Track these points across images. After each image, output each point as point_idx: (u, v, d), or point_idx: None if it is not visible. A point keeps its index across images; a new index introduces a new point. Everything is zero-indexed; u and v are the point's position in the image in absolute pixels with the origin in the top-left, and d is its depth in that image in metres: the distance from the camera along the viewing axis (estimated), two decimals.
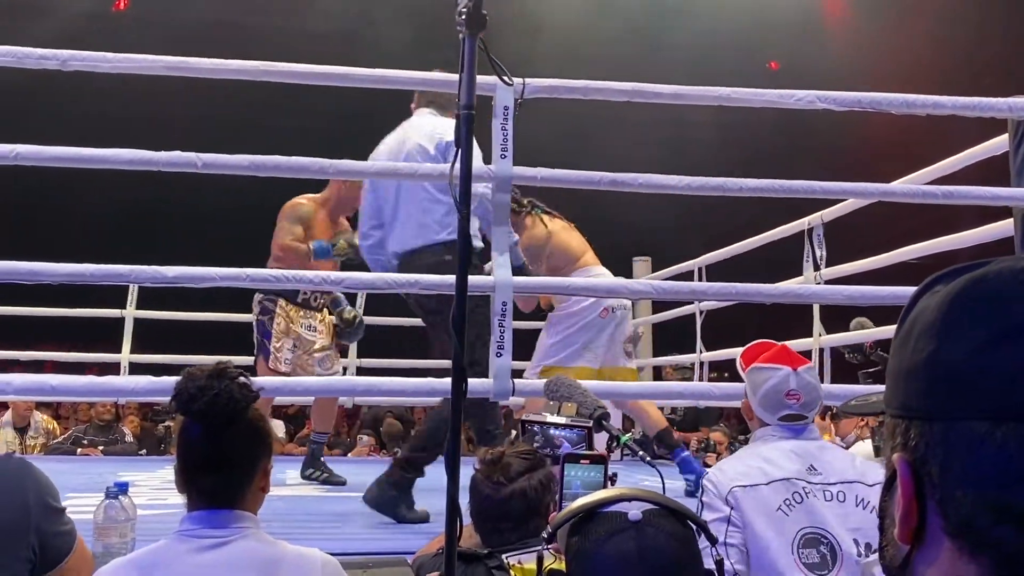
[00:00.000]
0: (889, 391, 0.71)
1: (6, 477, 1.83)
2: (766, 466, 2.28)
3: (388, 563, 2.43)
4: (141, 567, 1.69)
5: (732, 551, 2.18)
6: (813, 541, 2.18)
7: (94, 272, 3.25)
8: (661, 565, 1.37)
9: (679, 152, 8.80)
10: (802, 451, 2.31)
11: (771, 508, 2.21)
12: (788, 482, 2.24)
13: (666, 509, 1.45)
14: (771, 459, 2.30)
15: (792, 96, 3.66)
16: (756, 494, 2.22)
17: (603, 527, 1.41)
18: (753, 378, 2.42)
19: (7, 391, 3.29)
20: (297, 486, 4.60)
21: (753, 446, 2.42)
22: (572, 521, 1.44)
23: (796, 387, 2.36)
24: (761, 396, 2.38)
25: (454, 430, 1.63)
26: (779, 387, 2.36)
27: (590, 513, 1.43)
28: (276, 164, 3.35)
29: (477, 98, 1.77)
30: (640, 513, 1.41)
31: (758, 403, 2.39)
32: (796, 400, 2.36)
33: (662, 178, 3.51)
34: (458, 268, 1.61)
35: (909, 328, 0.69)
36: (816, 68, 8.65)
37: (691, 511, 1.48)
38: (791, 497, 2.22)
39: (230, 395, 1.71)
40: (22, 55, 3.27)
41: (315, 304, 4.93)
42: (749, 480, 2.25)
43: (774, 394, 2.36)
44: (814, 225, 5.05)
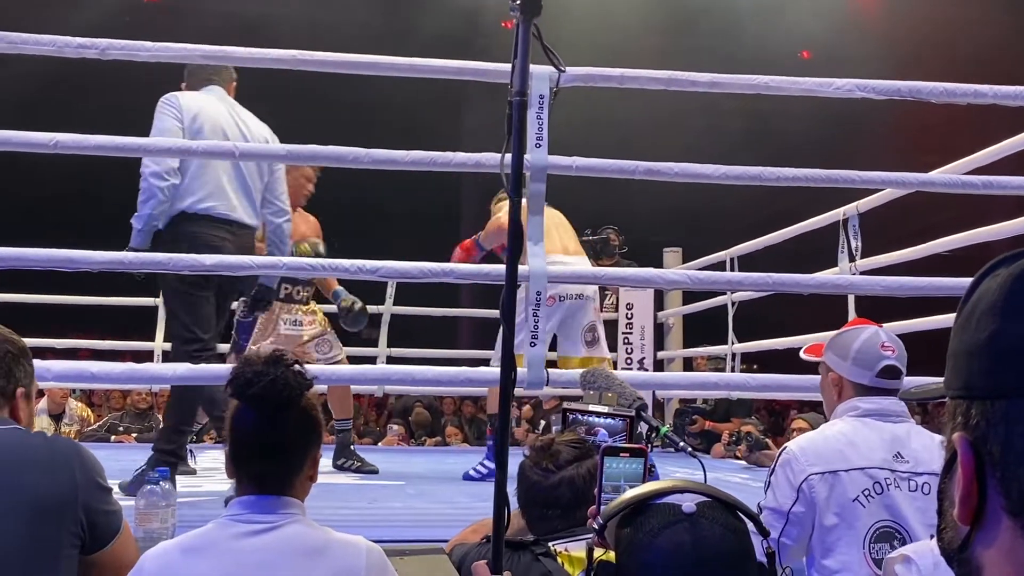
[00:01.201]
0: (950, 372, 0.71)
1: (55, 454, 1.85)
2: (849, 450, 2.20)
3: (424, 551, 2.43)
4: (188, 550, 1.70)
5: (784, 551, 2.16)
6: (887, 535, 2.13)
7: (132, 260, 3.28)
8: (716, 557, 1.36)
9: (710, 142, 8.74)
10: (891, 436, 2.23)
11: (847, 498, 2.15)
12: (870, 471, 2.17)
13: (719, 501, 1.44)
14: (856, 442, 2.22)
15: (830, 84, 3.63)
16: (835, 482, 2.17)
17: (656, 519, 1.39)
18: (839, 343, 2.35)
19: (47, 377, 3.31)
20: (329, 474, 4.62)
21: (838, 423, 2.31)
22: (623, 513, 1.43)
23: (887, 340, 2.30)
24: (855, 353, 2.29)
25: (503, 418, 1.62)
26: (873, 340, 2.29)
27: (642, 505, 1.42)
28: (313, 153, 3.37)
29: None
30: (694, 505, 1.40)
31: (852, 363, 2.30)
32: (891, 352, 2.28)
33: (698, 167, 3.49)
34: (508, 257, 1.61)
35: (971, 310, 0.69)
36: (849, 57, 8.56)
37: (743, 504, 1.46)
38: (871, 488, 2.16)
39: (285, 381, 1.72)
40: (62, 43, 3.30)
41: (298, 297, 4.88)
42: (828, 465, 2.18)
43: (870, 346, 2.28)
44: (849, 215, 5.00)
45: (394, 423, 7.92)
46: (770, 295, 5.80)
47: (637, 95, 4.60)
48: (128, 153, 3.33)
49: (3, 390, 1.92)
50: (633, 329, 7.02)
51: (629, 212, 8.08)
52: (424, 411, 8.29)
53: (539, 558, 2.02)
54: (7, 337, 1.97)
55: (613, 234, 6.96)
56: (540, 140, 3.31)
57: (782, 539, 2.18)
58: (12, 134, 3.20)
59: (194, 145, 3.25)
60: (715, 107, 8.92)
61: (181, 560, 1.68)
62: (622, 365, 6.78)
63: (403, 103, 9.07)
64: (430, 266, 3.49)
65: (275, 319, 4.79)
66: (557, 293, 4.60)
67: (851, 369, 2.31)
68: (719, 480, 4.37)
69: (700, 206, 8.53)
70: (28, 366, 2.00)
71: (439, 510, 3.78)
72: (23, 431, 1.90)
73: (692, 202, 8.43)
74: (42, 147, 3.26)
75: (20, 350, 1.98)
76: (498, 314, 4.74)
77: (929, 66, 7.20)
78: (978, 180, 3.74)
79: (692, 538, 1.35)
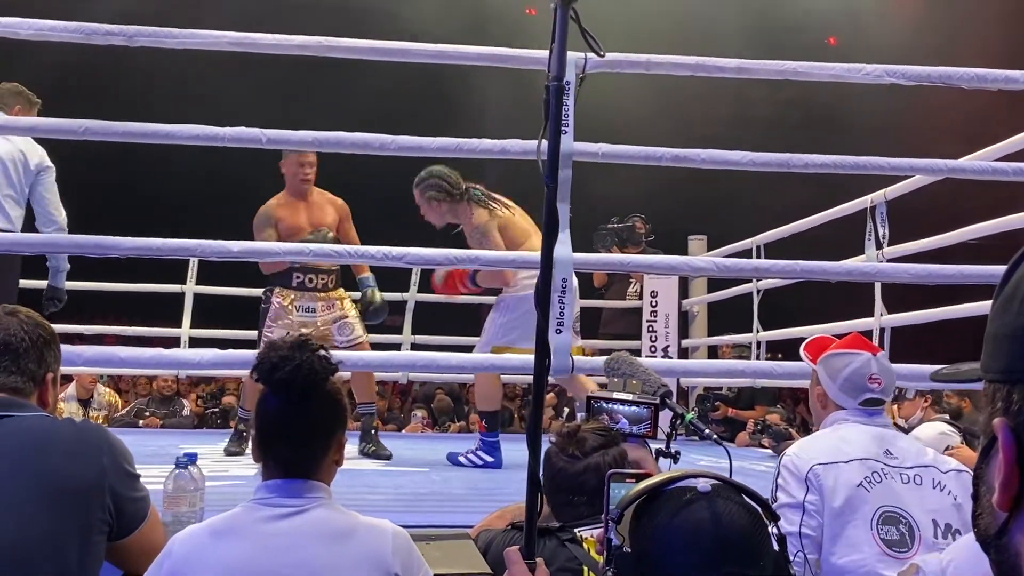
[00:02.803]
0: (988, 356, 0.70)
1: (83, 440, 1.86)
2: (844, 446, 2.28)
3: (450, 536, 2.44)
4: (216, 533, 1.71)
5: (806, 541, 2.17)
6: (892, 519, 2.18)
7: (161, 246, 3.30)
8: (736, 534, 1.37)
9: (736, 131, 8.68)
10: (878, 435, 2.32)
11: (852, 484, 2.20)
12: (867, 462, 2.24)
13: (731, 484, 1.45)
14: (849, 440, 2.30)
15: (859, 70, 3.60)
16: (836, 470, 2.22)
17: (672, 502, 1.41)
18: (831, 364, 2.42)
19: (77, 362, 3.35)
20: (353, 459, 4.64)
21: (829, 430, 2.40)
22: (638, 503, 1.43)
23: (877, 372, 2.37)
24: (843, 381, 2.38)
25: (536, 405, 1.62)
26: (862, 371, 2.36)
27: (656, 492, 1.43)
28: (339, 140, 3.37)
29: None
30: (709, 485, 1.41)
31: (838, 388, 2.39)
32: (878, 384, 2.36)
33: (725, 153, 3.47)
34: (543, 243, 1.61)
35: (1011, 293, 0.68)
36: (876, 44, 8.47)
37: (754, 489, 1.47)
38: (871, 476, 2.22)
39: (311, 366, 1.73)
40: (89, 31, 3.32)
41: (310, 286, 4.88)
42: (829, 458, 2.24)
43: (857, 378, 2.36)
44: (877, 203, 4.96)
45: (418, 409, 7.94)
46: (795, 283, 5.78)
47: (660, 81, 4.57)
48: (156, 140, 3.34)
49: (34, 375, 1.94)
50: (657, 317, 7.00)
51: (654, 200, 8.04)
52: (446, 397, 8.32)
53: (565, 544, 2.03)
54: (39, 322, 1.99)
55: (639, 222, 6.95)
56: (566, 127, 3.30)
57: (803, 530, 2.20)
58: (41, 120, 3.24)
59: (221, 132, 3.26)
60: (742, 96, 8.86)
61: (210, 543, 1.69)
62: (646, 353, 6.77)
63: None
64: (456, 252, 3.49)
65: (289, 307, 4.82)
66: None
67: (837, 393, 2.40)
68: (744, 468, 4.36)
69: (724, 195, 8.49)
70: (57, 351, 2.02)
71: (464, 496, 3.78)
72: (51, 418, 1.92)
73: (716, 190, 8.40)
74: (71, 133, 3.29)
75: (51, 335, 2.00)
76: (485, 300, 4.70)
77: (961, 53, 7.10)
78: (1008, 167, 3.70)
79: (711, 514, 1.37)
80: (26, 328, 1.95)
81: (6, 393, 1.88)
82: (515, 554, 1.55)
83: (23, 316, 1.97)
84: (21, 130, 3.21)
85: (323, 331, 4.80)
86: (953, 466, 2.30)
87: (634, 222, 6.91)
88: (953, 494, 2.22)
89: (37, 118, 3.22)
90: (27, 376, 1.92)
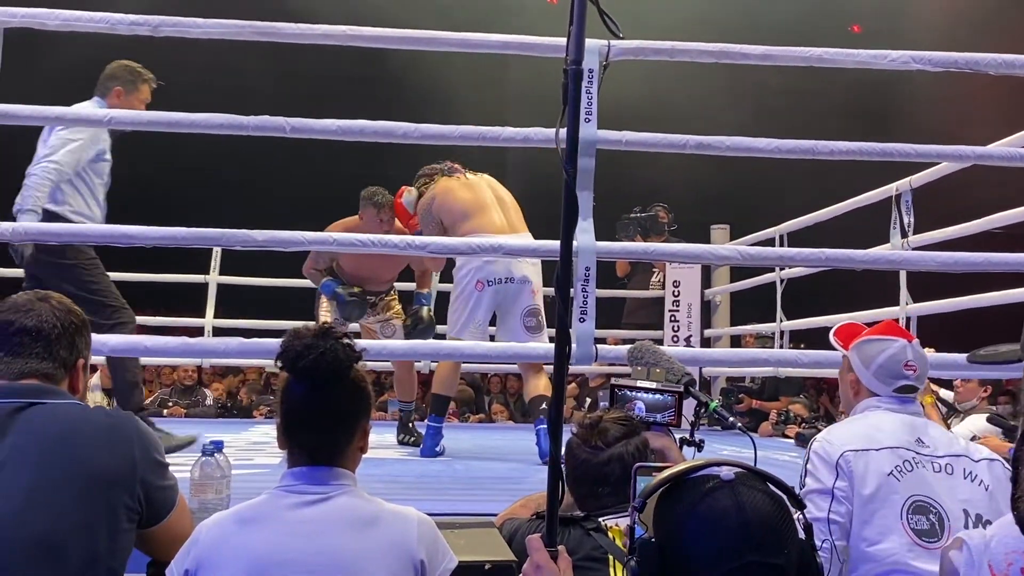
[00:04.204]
0: None
1: (116, 429, 1.86)
2: (876, 433, 2.25)
3: (475, 524, 2.44)
4: (242, 520, 1.72)
5: (834, 528, 2.16)
6: (922, 508, 2.15)
7: (186, 235, 3.31)
8: (759, 521, 1.36)
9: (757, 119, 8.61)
10: (910, 423, 2.29)
11: (883, 472, 2.18)
12: (898, 451, 2.21)
13: (755, 472, 1.44)
14: (880, 427, 2.27)
15: (885, 57, 3.56)
16: (867, 458, 2.20)
17: (695, 490, 1.40)
18: (865, 350, 2.39)
19: (103, 351, 3.37)
20: (379, 449, 4.66)
21: (860, 416, 2.38)
22: (661, 492, 1.43)
23: (912, 359, 2.34)
24: (877, 368, 2.35)
25: (557, 393, 1.61)
26: (897, 357, 2.34)
27: (679, 481, 1.43)
28: (362, 128, 3.37)
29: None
30: (733, 473, 1.41)
31: (872, 375, 2.36)
32: (913, 372, 2.34)
33: (750, 141, 3.44)
34: (562, 232, 1.59)
35: None
36: (900, 31, 8.38)
37: (778, 477, 1.46)
38: (901, 464, 2.20)
39: (335, 354, 1.74)
40: (115, 21, 3.34)
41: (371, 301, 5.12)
42: (860, 445, 2.22)
43: (892, 364, 2.34)
44: (902, 191, 4.92)
45: None
46: (818, 273, 5.74)
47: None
48: (180, 129, 3.36)
49: (65, 361, 1.94)
50: (680, 306, 6.98)
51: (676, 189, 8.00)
52: (468, 388, 8.31)
53: (590, 533, 2.03)
54: (71, 308, 1.99)
55: (662, 211, 6.92)
56: (589, 115, 3.29)
57: (831, 516, 2.18)
58: (67, 110, 3.26)
59: (246, 121, 3.27)
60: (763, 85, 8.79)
61: (236, 531, 1.69)
62: (668, 342, 6.74)
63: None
64: (478, 241, 3.48)
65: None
66: (484, 277, 4.43)
67: (870, 380, 2.37)
68: (768, 458, 4.34)
69: (746, 184, 8.43)
70: (88, 338, 2.03)
71: (487, 484, 3.79)
72: (83, 406, 1.92)
73: (738, 180, 8.34)
74: (96, 123, 3.30)
75: (82, 322, 2.01)
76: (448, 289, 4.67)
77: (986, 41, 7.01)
78: None
79: (735, 502, 1.36)
80: (58, 314, 1.95)
81: (38, 379, 1.88)
82: (537, 541, 1.55)
83: (55, 302, 1.97)
84: (40, 120, 3.24)
85: (370, 330, 5.05)
86: (985, 455, 2.26)
87: (657, 211, 6.88)
88: (985, 483, 2.19)
89: (62, 107, 3.24)
90: (59, 362, 1.93)
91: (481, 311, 4.47)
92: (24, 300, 1.95)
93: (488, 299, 4.47)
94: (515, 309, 4.51)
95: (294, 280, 6.59)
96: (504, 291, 4.48)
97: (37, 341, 1.91)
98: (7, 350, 1.89)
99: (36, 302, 1.95)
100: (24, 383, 1.87)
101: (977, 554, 1.51)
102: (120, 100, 4.07)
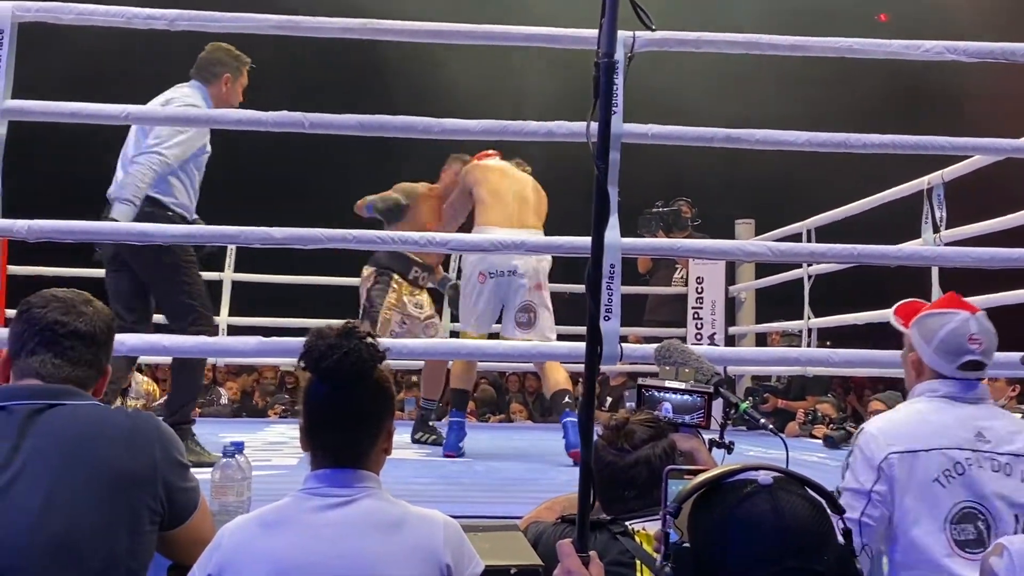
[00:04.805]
0: None
1: (137, 431, 1.84)
2: (927, 430, 2.15)
3: (499, 527, 2.40)
4: (265, 524, 1.70)
5: (867, 530, 2.09)
6: (970, 516, 2.07)
7: (203, 233, 3.28)
8: (796, 526, 1.34)
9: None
10: (970, 415, 2.17)
11: (927, 478, 2.10)
12: (950, 452, 2.11)
13: (793, 477, 1.42)
14: (934, 423, 2.16)
15: (919, 47, 3.48)
16: (914, 462, 2.11)
17: (733, 494, 1.38)
18: (926, 325, 2.26)
19: (120, 350, 3.31)
20: (401, 449, 4.62)
21: (917, 402, 2.26)
22: (697, 496, 1.41)
23: (977, 332, 2.21)
24: (939, 342, 2.22)
25: (588, 392, 1.56)
26: (960, 331, 2.21)
27: (716, 485, 1.40)
28: (382, 124, 3.32)
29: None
30: (771, 478, 1.38)
31: (934, 351, 2.23)
32: (978, 345, 2.20)
33: (780, 134, 3.37)
34: (593, 229, 1.55)
35: None
36: (928, 20, 8.25)
37: (816, 482, 1.43)
38: (952, 468, 2.10)
39: (359, 354, 1.72)
40: (131, 15, 3.30)
41: (422, 283, 5.12)
42: (907, 445, 2.13)
43: (955, 338, 2.21)
44: (934, 185, 4.82)
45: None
46: (845, 269, 5.65)
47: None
48: (198, 125, 3.32)
49: (100, 366, 1.93)
50: (703, 303, 6.88)
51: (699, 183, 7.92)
52: (489, 388, 8.27)
53: (617, 537, 1.99)
54: (108, 312, 1.98)
55: (685, 206, 6.83)
56: (615, 107, 3.22)
57: (864, 519, 2.13)
58: (84, 106, 3.21)
59: (264, 117, 3.22)
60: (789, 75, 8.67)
61: (259, 534, 1.68)
62: (692, 340, 6.66)
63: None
64: (501, 237, 3.42)
65: (401, 299, 5.00)
66: (485, 269, 4.49)
67: (932, 356, 2.24)
68: (796, 459, 4.22)
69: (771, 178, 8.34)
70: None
71: (508, 487, 3.74)
72: (104, 407, 1.90)
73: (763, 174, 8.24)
74: (114, 119, 3.27)
75: (113, 323, 2.00)
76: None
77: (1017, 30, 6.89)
78: None
79: (773, 507, 1.34)
80: (104, 319, 1.94)
81: (71, 384, 1.86)
82: (568, 546, 1.51)
83: (99, 306, 1.96)
84: (55, 115, 3.20)
85: (417, 326, 5.04)
86: None
87: (680, 206, 6.79)
88: None
89: (79, 104, 3.19)
90: (98, 368, 1.92)
91: (483, 302, 4.57)
92: (69, 299, 1.92)
93: (489, 291, 4.55)
94: (512, 303, 4.57)
95: (310, 277, 6.56)
96: (507, 283, 4.54)
97: (88, 348, 1.89)
98: (56, 352, 1.87)
99: (83, 304, 1.93)
100: (54, 386, 1.84)
101: (1019, 560, 1.48)
102: (228, 87, 3.99)
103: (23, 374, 1.85)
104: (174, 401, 3.95)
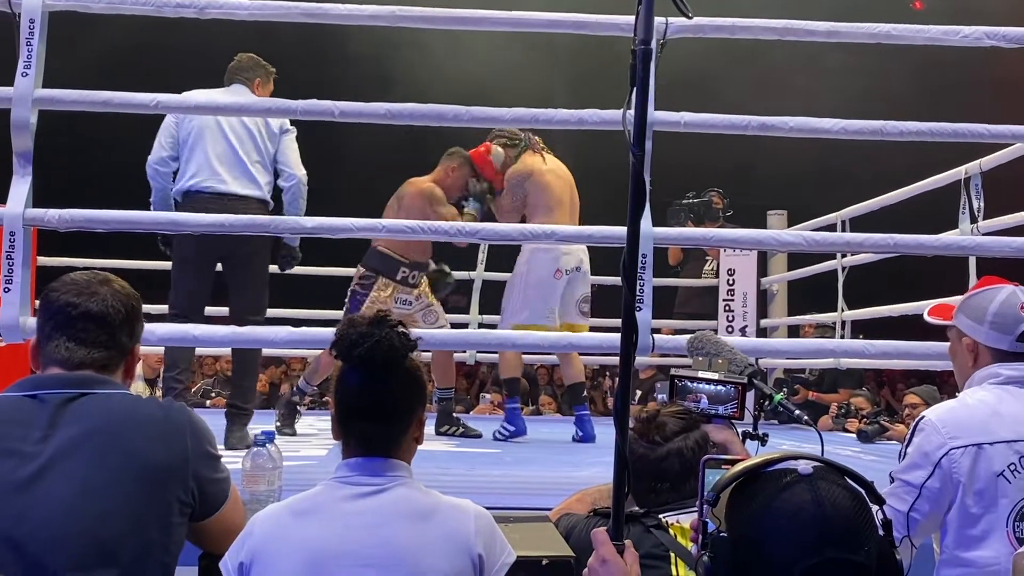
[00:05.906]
0: None
1: (169, 421, 1.82)
2: (993, 421, 2.06)
3: (529, 518, 2.39)
4: (297, 512, 1.70)
5: (913, 525, 2.04)
6: None
7: (234, 222, 3.27)
8: (837, 516, 1.30)
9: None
10: None
11: (992, 473, 2.02)
12: (1017, 445, 2.03)
13: (834, 466, 1.39)
14: (1000, 412, 2.07)
15: (957, 33, 3.40)
16: (978, 456, 2.03)
17: (772, 484, 1.35)
18: (974, 305, 2.20)
19: (150, 340, 3.32)
20: (430, 441, 4.60)
21: (979, 391, 2.16)
22: (735, 485, 1.38)
23: None
24: (993, 316, 2.15)
25: (623, 381, 1.53)
26: (1011, 301, 2.14)
27: (754, 475, 1.38)
28: (411, 112, 3.29)
29: None
30: (811, 467, 1.35)
31: (989, 327, 2.16)
32: None
33: (815, 121, 3.31)
34: (629, 218, 1.53)
35: None
36: (964, 7, 8.11)
37: (856, 472, 1.40)
38: (1017, 462, 2.02)
39: (391, 343, 1.71)
40: (160, 3, 3.29)
41: (412, 281, 5.05)
42: (971, 438, 2.05)
43: (1008, 309, 2.14)
44: (972, 174, 4.73)
45: (488, 392, 7.89)
46: (878, 261, 5.56)
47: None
48: (228, 114, 3.32)
49: (124, 348, 1.88)
50: (735, 296, 6.82)
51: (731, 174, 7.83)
52: (524, 380, 8.24)
53: (650, 530, 1.96)
54: (131, 292, 1.93)
55: (716, 197, 6.75)
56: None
57: (911, 513, 2.07)
58: (114, 95, 3.20)
59: (294, 105, 3.21)
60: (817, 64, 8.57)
61: (291, 523, 1.67)
62: (723, 332, 6.60)
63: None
64: (531, 228, 3.40)
65: (388, 299, 4.94)
66: (562, 267, 4.85)
67: (988, 334, 2.16)
68: (829, 453, 4.19)
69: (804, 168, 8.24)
70: (143, 319, 1.97)
71: (539, 478, 3.72)
72: (136, 397, 1.88)
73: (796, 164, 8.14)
74: (144, 108, 3.27)
75: (139, 303, 1.95)
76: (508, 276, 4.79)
77: None
78: None
79: (813, 497, 1.31)
80: (121, 299, 1.88)
81: (93, 370, 1.82)
82: (603, 535, 1.51)
83: (117, 285, 1.91)
84: (86, 104, 3.20)
85: (413, 315, 4.99)
86: None
87: (711, 196, 6.71)
88: None
89: (110, 93, 3.19)
90: (118, 350, 1.87)
91: (556, 298, 4.84)
92: (85, 280, 1.88)
93: (562, 287, 4.86)
94: (573, 296, 4.92)
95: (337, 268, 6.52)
96: (576, 279, 4.92)
97: (102, 328, 1.84)
98: (70, 335, 1.83)
99: (98, 284, 1.88)
100: (79, 373, 1.81)
101: None
102: (260, 91, 4.18)
103: (48, 361, 1.83)
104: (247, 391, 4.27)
